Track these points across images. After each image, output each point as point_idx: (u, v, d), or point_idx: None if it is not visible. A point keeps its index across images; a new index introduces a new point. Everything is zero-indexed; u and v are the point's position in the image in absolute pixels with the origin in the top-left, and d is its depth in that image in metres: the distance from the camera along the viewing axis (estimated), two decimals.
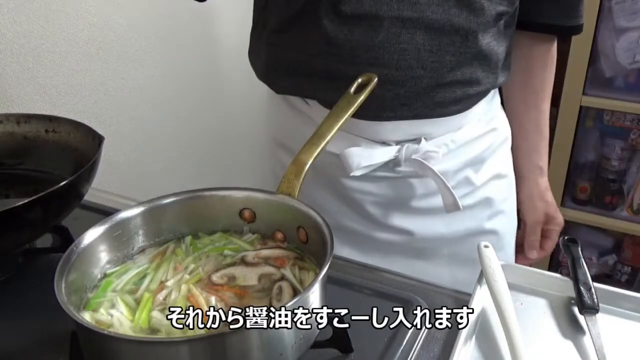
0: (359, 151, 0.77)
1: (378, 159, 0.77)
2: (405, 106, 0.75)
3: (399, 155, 0.78)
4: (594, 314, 0.58)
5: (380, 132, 0.78)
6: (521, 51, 0.87)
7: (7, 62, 1.03)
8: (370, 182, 0.81)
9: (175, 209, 0.60)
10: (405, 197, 0.83)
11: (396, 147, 0.78)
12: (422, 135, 0.79)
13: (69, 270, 0.49)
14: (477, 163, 0.85)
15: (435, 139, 0.80)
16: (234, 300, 0.52)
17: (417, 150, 0.77)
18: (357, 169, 0.76)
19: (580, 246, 0.67)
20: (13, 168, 0.77)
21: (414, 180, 0.81)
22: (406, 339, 0.56)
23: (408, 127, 0.78)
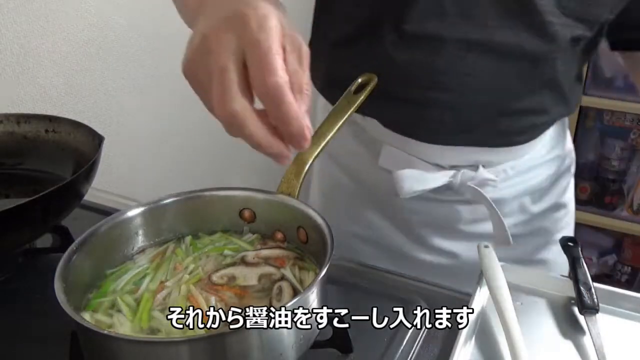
0: (413, 174, 0.74)
1: (431, 184, 0.74)
2: (465, 133, 0.71)
3: (453, 181, 0.74)
4: (594, 314, 0.58)
5: (436, 155, 0.74)
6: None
7: (7, 62, 1.03)
8: (420, 201, 0.78)
9: (175, 209, 0.60)
10: (454, 220, 0.79)
11: (451, 172, 0.74)
12: (481, 162, 0.74)
13: (69, 270, 0.49)
14: (536, 191, 0.80)
15: (495, 167, 0.76)
16: (234, 300, 0.52)
17: (474, 177, 0.73)
18: (408, 192, 0.73)
19: (580, 246, 0.67)
20: (13, 168, 0.77)
21: (466, 206, 0.78)
22: (406, 339, 0.56)
23: (466, 153, 0.73)
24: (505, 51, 0.65)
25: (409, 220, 0.80)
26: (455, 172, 0.74)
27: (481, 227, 0.79)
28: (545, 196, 0.82)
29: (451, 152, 0.74)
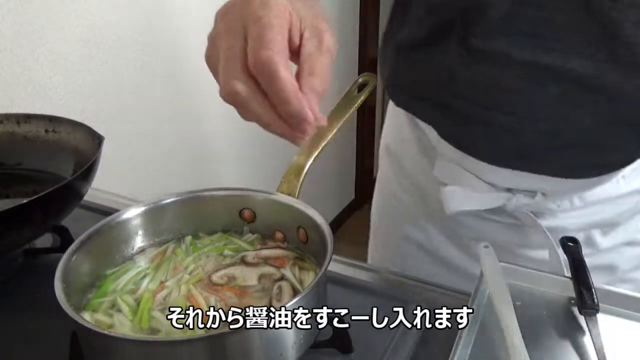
0: (462, 192, 0.70)
1: (480, 205, 0.70)
2: (523, 159, 0.65)
3: (507, 205, 0.69)
4: (594, 314, 0.58)
5: (491, 175, 0.69)
6: None
7: (7, 62, 1.03)
8: (473, 219, 0.75)
9: (175, 209, 0.60)
10: (508, 242, 0.74)
11: (506, 195, 0.69)
12: (540, 190, 0.68)
13: (69, 270, 0.49)
14: (607, 225, 0.72)
15: (557, 196, 0.69)
16: (234, 300, 0.52)
17: (530, 204, 0.68)
18: (454, 210, 0.71)
19: (580, 246, 0.67)
20: (13, 168, 0.77)
21: (521, 230, 0.73)
22: (406, 339, 0.56)
23: (524, 177, 0.67)
24: (579, 81, 0.58)
25: (462, 235, 0.77)
26: (510, 195, 0.69)
27: (539, 254, 0.73)
28: (619, 231, 0.73)
29: (508, 175, 0.68)
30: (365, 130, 2.70)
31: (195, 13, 1.49)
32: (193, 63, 1.53)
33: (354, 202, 2.86)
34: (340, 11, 2.27)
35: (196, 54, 1.59)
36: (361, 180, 2.83)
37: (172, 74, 1.46)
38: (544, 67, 0.58)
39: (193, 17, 1.48)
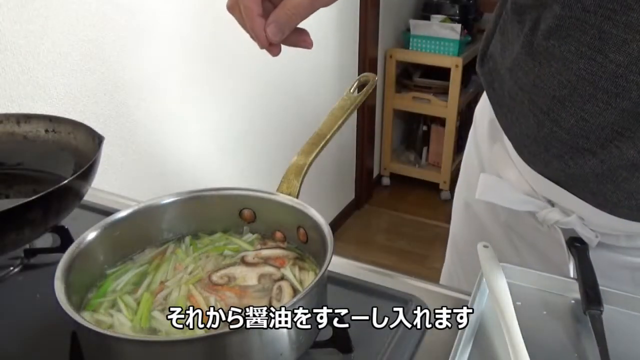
0: (495, 184, 0.69)
1: (509, 204, 0.69)
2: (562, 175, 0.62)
3: (538, 213, 0.67)
4: (599, 314, 0.58)
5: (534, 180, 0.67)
6: None
7: (7, 62, 1.03)
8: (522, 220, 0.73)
9: (175, 209, 0.60)
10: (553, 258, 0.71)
11: (539, 204, 0.66)
12: (577, 213, 0.64)
13: (69, 270, 0.49)
14: None
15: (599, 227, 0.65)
16: (234, 300, 0.52)
17: (561, 222, 0.65)
18: (481, 198, 0.70)
19: (587, 247, 0.67)
20: (13, 168, 0.77)
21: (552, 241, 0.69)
22: (406, 339, 0.56)
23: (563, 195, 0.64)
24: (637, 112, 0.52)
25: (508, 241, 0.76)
26: (545, 205, 0.67)
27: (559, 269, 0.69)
28: None
29: (550, 186, 0.65)
30: (365, 130, 2.70)
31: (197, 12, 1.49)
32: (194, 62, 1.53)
33: (354, 202, 2.86)
34: (340, 11, 2.28)
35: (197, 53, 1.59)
36: (361, 180, 2.83)
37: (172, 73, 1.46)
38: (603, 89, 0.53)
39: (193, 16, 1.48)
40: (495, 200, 0.70)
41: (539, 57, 0.58)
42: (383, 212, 2.91)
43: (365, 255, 2.54)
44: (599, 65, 0.53)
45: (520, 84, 0.61)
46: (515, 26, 0.62)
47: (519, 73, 0.61)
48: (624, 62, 0.51)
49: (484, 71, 0.71)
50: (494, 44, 0.69)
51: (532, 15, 0.58)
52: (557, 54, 0.56)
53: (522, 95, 0.61)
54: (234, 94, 1.72)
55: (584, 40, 0.53)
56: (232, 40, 1.63)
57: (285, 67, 1.96)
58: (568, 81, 0.55)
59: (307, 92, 2.13)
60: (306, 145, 0.61)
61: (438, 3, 2.76)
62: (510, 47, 0.63)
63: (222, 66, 1.64)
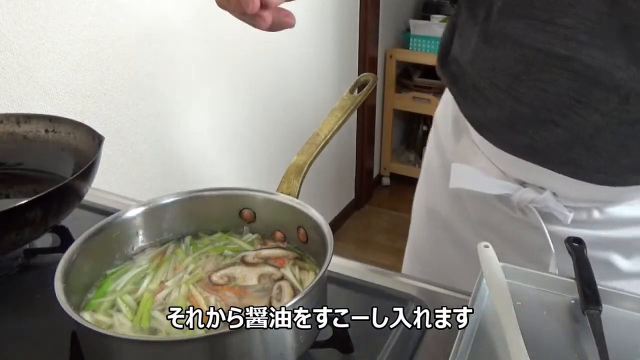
0: (467, 172, 0.70)
1: (482, 189, 0.69)
2: (531, 151, 0.64)
3: (512, 196, 0.68)
4: (598, 314, 0.58)
5: (503, 162, 0.68)
6: None
7: (7, 62, 1.03)
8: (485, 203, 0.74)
9: (175, 209, 0.60)
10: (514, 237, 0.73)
11: (512, 186, 0.68)
12: (550, 188, 0.66)
13: (69, 270, 0.49)
14: (629, 249, 0.69)
15: (572, 201, 0.66)
16: (234, 300, 0.52)
17: (536, 201, 0.66)
18: (456, 186, 0.71)
19: (585, 246, 0.67)
20: (13, 168, 0.77)
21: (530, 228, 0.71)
22: (406, 339, 0.56)
23: (534, 171, 0.65)
24: (591, 75, 0.55)
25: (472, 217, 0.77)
26: (518, 187, 0.68)
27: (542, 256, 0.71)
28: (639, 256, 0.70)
29: (519, 165, 0.66)
30: (365, 130, 2.70)
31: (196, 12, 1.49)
32: (194, 62, 1.53)
33: (354, 202, 2.85)
34: (340, 11, 2.28)
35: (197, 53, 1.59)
36: (361, 180, 2.83)
37: (172, 73, 1.46)
38: (557, 56, 0.57)
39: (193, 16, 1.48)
40: (470, 186, 0.71)
41: (494, 41, 0.63)
42: (383, 212, 2.90)
43: (365, 255, 2.54)
44: (550, 34, 0.57)
45: (481, 72, 0.65)
46: (470, 23, 0.67)
47: (478, 62, 0.65)
48: (572, 24, 0.55)
49: (446, 72, 0.74)
50: (455, 48, 0.73)
51: (484, 4, 0.63)
52: (510, 33, 0.60)
53: (483, 82, 0.65)
54: (234, 94, 1.72)
55: (532, 13, 0.57)
56: (233, 40, 1.64)
57: (285, 67, 1.97)
58: (522, 56, 0.60)
59: (307, 92, 2.13)
60: (306, 145, 0.61)
61: (438, 3, 2.76)
62: (468, 44, 0.67)
63: (222, 66, 1.64)
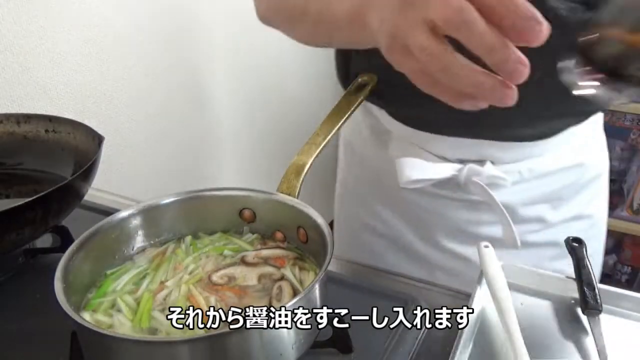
0: (414, 163, 0.71)
1: (433, 175, 0.71)
2: (468, 123, 0.67)
3: (458, 176, 0.71)
4: (597, 314, 0.58)
5: (442, 147, 0.72)
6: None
7: (7, 62, 1.03)
8: (428, 197, 0.76)
9: (175, 209, 0.60)
10: (462, 221, 0.77)
11: (457, 166, 0.71)
12: (489, 158, 0.71)
13: (69, 270, 0.49)
14: (555, 199, 0.75)
15: (506, 165, 0.71)
16: (234, 300, 0.52)
17: (480, 173, 0.70)
18: (407, 181, 0.71)
19: (585, 246, 0.67)
20: (13, 168, 0.77)
21: (474, 206, 0.75)
22: (406, 339, 0.56)
23: (472, 146, 0.70)
24: None
25: (418, 218, 0.79)
26: (461, 166, 0.71)
27: (491, 230, 0.76)
28: (567, 206, 0.77)
29: (457, 144, 0.71)
30: None
31: (196, 12, 1.49)
32: (194, 62, 1.53)
33: None
34: None
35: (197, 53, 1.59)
36: None
37: (172, 73, 1.46)
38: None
39: (193, 16, 1.48)
40: (421, 175, 0.71)
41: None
42: None
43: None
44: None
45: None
46: None
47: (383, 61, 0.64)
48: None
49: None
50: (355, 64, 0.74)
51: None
52: None
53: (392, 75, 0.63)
54: (234, 94, 1.72)
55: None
56: (232, 39, 1.64)
57: (285, 68, 1.96)
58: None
59: (307, 92, 2.13)
60: (306, 146, 0.61)
61: None
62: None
63: (222, 66, 1.64)
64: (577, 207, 0.78)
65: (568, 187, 0.76)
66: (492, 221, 0.75)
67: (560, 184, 0.75)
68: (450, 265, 0.80)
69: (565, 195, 0.76)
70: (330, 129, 0.63)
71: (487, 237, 0.74)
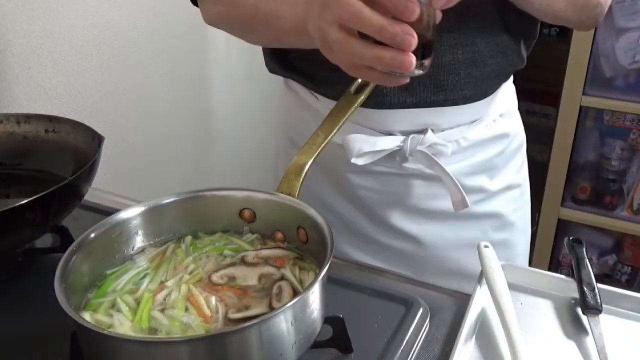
0: (362, 137, 0.75)
1: (381, 146, 0.75)
2: (406, 91, 0.72)
3: (403, 146, 0.75)
4: (597, 314, 0.58)
5: (383, 121, 0.76)
6: None
7: (7, 62, 1.03)
8: (375, 177, 0.80)
9: (175, 209, 0.60)
10: (411, 197, 0.80)
11: (401, 137, 0.76)
12: (429, 126, 0.76)
13: (69, 270, 0.49)
14: (491, 169, 0.83)
15: (444, 133, 0.77)
16: (234, 300, 0.52)
17: (423, 141, 0.75)
18: (358, 154, 0.74)
19: (585, 247, 0.67)
20: (13, 168, 0.77)
21: (421, 180, 0.79)
22: (406, 339, 0.56)
23: (413, 116, 0.75)
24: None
25: (365, 199, 0.81)
26: (405, 137, 0.75)
27: (438, 204, 0.80)
28: (500, 175, 0.84)
29: (398, 116, 0.75)
30: None
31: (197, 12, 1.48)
32: (193, 62, 1.53)
33: None
34: None
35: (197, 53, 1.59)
36: None
37: (173, 73, 1.46)
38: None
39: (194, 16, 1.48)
40: (370, 149, 0.74)
41: None
42: None
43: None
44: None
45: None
46: None
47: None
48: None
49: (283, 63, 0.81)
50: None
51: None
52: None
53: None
54: (234, 94, 1.72)
55: None
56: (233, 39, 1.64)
57: None
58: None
59: None
60: (306, 146, 0.61)
61: None
62: None
63: (221, 66, 1.64)
64: (508, 176, 0.85)
65: (499, 157, 0.83)
66: (434, 194, 0.80)
67: (492, 152, 0.81)
68: (400, 247, 0.83)
69: (498, 164, 0.83)
70: (331, 129, 0.63)
71: (436, 212, 0.81)
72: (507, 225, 0.86)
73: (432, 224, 0.82)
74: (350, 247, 0.85)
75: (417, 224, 0.82)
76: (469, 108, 0.77)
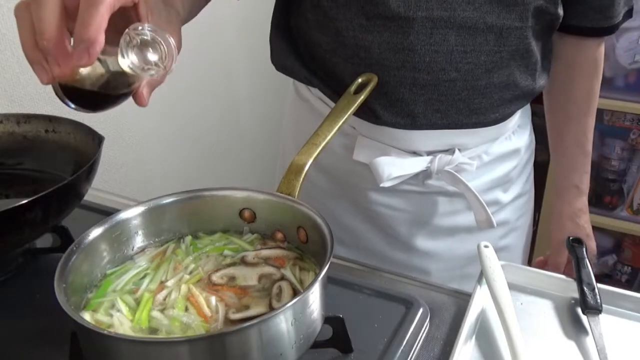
0: (390, 160, 0.74)
1: (409, 170, 0.74)
2: (439, 113, 0.72)
3: (430, 167, 0.75)
4: (597, 314, 0.58)
5: (412, 141, 0.75)
6: (562, 56, 0.80)
7: (7, 62, 1.03)
8: (397, 196, 0.79)
9: (175, 209, 0.60)
10: (431, 214, 0.80)
11: (428, 158, 0.75)
12: (457, 146, 0.76)
13: (69, 270, 0.49)
14: (506, 182, 0.83)
15: (469, 151, 0.77)
16: (234, 300, 0.52)
17: (451, 161, 0.75)
18: (387, 179, 0.74)
19: (585, 247, 0.67)
20: (13, 168, 0.77)
21: (443, 197, 0.79)
22: (406, 339, 0.56)
23: (442, 136, 0.75)
24: (469, 25, 0.67)
25: (385, 216, 0.81)
26: (432, 157, 0.75)
27: (456, 220, 0.80)
28: (513, 186, 0.84)
29: (427, 137, 0.75)
30: None
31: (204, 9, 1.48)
32: (193, 62, 1.53)
33: None
34: None
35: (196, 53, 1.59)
36: None
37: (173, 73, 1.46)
38: (440, 19, 0.66)
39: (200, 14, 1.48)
40: (399, 173, 0.74)
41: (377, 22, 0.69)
42: None
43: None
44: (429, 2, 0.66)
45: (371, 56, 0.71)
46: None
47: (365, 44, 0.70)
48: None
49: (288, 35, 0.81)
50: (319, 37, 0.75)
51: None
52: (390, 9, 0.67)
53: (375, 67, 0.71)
54: (235, 94, 1.72)
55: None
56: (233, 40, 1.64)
57: None
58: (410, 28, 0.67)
59: None
60: (306, 146, 0.61)
61: None
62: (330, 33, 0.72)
63: (222, 66, 1.64)
64: (520, 186, 0.86)
65: (515, 169, 0.83)
66: (459, 210, 0.80)
67: (510, 166, 0.82)
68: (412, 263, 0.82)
69: (513, 177, 0.84)
70: (331, 129, 0.63)
71: (449, 227, 0.80)
72: (512, 230, 0.86)
73: (446, 239, 0.81)
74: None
75: (434, 239, 0.81)
76: (496, 127, 0.77)
